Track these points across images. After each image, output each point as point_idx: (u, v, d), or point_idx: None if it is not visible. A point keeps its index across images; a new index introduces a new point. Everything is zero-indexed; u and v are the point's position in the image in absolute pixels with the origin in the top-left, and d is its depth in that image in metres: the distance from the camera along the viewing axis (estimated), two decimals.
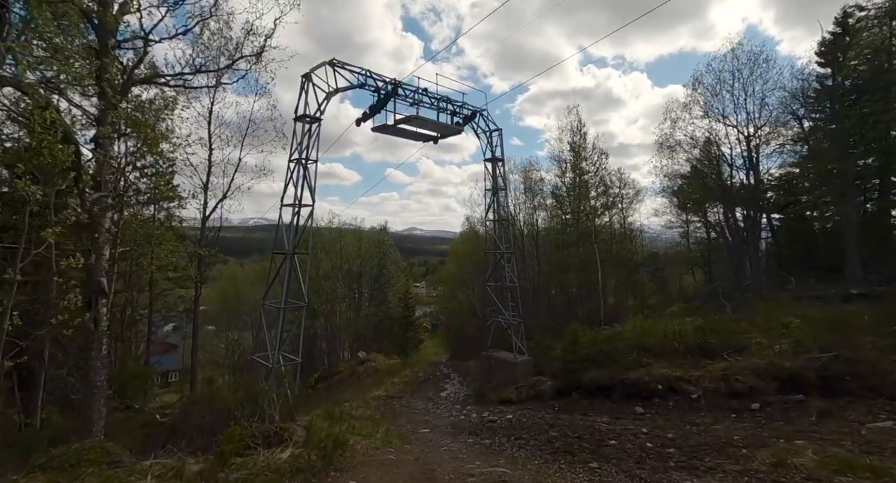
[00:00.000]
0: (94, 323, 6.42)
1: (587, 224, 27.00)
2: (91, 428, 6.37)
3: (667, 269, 33.10)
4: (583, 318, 21.88)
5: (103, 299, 6.59)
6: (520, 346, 15.87)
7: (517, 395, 14.51)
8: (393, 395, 18.31)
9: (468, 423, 12.47)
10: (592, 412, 12.04)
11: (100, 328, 6.47)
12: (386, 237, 35.66)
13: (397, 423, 13.69)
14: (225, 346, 31.30)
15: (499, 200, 16.01)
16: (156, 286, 13.40)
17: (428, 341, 48.48)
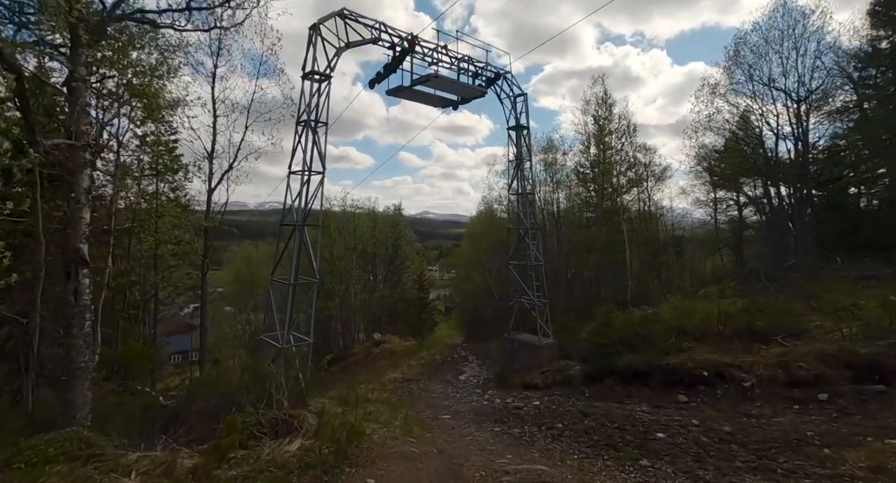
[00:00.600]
0: (73, 295, 5.55)
1: (612, 202, 25.49)
2: (74, 414, 5.57)
3: (692, 250, 31.46)
4: (607, 300, 20.66)
5: (84, 269, 5.69)
6: (544, 329, 14.81)
7: (543, 379, 13.51)
8: (410, 378, 17.52)
9: (492, 410, 11.55)
10: (629, 400, 10.98)
11: (81, 302, 5.60)
12: (400, 218, 34.64)
13: (416, 408, 12.86)
14: (239, 327, 31.04)
15: (523, 172, 14.73)
16: (161, 263, 12.67)
17: (442, 323, 47.91)
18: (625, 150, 25.46)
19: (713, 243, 28.91)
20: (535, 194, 15.03)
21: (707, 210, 30.14)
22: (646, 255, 25.75)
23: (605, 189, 25.64)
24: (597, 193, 25.91)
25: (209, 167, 13.10)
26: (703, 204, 29.74)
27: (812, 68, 16.81)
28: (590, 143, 26.53)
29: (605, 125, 25.85)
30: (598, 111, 25.68)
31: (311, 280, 9.70)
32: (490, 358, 20.12)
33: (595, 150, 26.24)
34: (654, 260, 25.91)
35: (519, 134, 14.66)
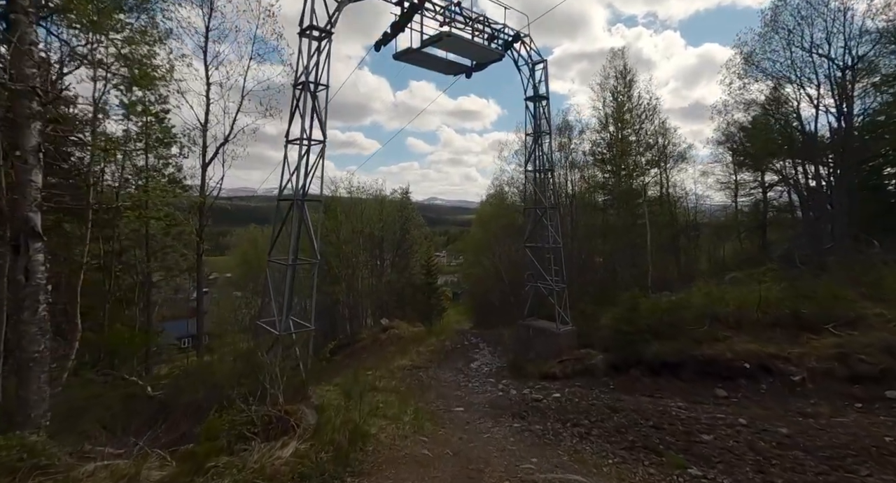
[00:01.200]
0: (24, 274, 4.63)
1: (628, 183, 24.13)
2: (29, 412, 4.70)
3: (710, 235, 30.05)
4: (626, 285, 19.56)
5: (37, 243, 4.75)
6: (562, 315, 13.79)
7: (562, 369, 12.56)
8: (419, 366, 16.70)
9: (508, 402, 10.63)
10: (659, 393, 9.98)
11: (34, 281, 4.69)
12: (408, 201, 33.52)
13: (426, 398, 12.01)
14: (244, 311, 30.58)
15: (542, 147, 13.52)
16: (154, 243, 11.76)
17: (450, 309, 47.17)
18: (644, 128, 23.97)
19: (734, 227, 27.49)
20: (553, 171, 13.82)
21: (727, 193, 28.68)
22: (664, 239, 24.48)
23: (622, 170, 24.26)
24: (613, 175, 24.54)
25: (202, 140, 12.05)
26: (724, 186, 28.27)
27: (861, 32, 15.17)
28: (607, 122, 25.06)
29: (623, 102, 24.32)
30: (616, 87, 24.14)
31: (312, 261, 8.72)
32: (502, 345, 19.23)
33: (613, 128, 24.78)
34: (673, 244, 24.64)
35: (537, 105, 13.39)
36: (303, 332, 8.98)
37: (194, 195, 11.65)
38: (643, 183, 23.67)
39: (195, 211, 12.17)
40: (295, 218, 8.31)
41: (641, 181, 23.71)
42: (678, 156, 26.05)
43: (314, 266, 8.64)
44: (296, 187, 8.41)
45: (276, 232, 8.90)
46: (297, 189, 8.40)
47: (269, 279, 8.84)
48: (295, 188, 8.41)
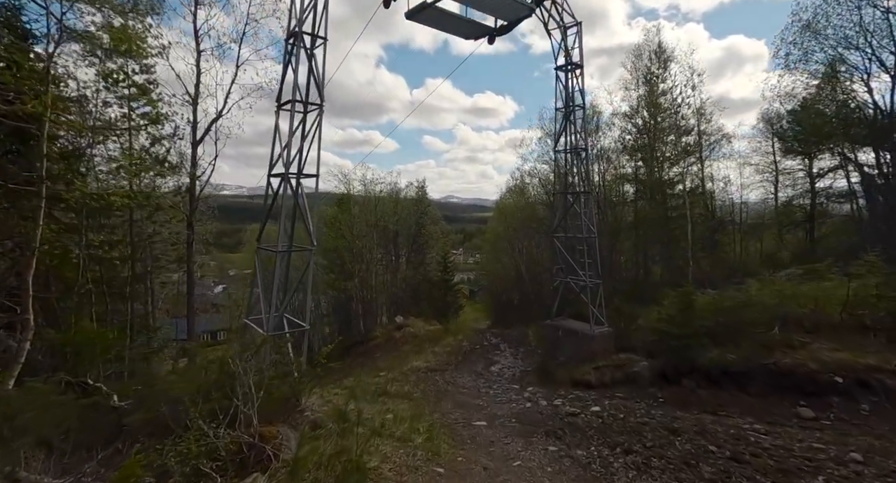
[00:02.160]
0: None
1: (662, 173, 22.04)
2: None
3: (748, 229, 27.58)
4: (663, 282, 17.65)
5: None
6: (597, 315, 12.06)
7: (598, 376, 10.85)
8: (434, 368, 15.18)
9: (539, 415, 9.01)
10: (723, 410, 8.20)
11: None
12: (424, 195, 32.01)
13: (442, 407, 10.49)
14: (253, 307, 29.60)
15: (574, 123, 11.78)
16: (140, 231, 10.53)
17: (467, 307, 45.55)
18: (681, 112, 21.82)
19: (777, 221, 25.03)
20: (588, 150, 12.06)
21: (766, 187, 26.21)
22: (702, 233, 22.31)
23: (654, 159, 22.18)
24: (645, 164, 22.48)
25: (193, 115, 10.76)
26: (764, 178, 25.82)
27: None
28: (639, 106, 22.99)
29: (656, 85, 22.23)
30: (650, 68, 22.05)
31: (307, 248, 7.25)
32: (525, 346, 17.56)
33: (646, 113, 22.71)
34: (711, 238, 22.45)
35: (570, 74, 11.65)
36: (298, 331, 7.55)
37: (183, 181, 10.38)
38: (683, 171, 21.53)
39: (184, 195, 10.91)
40: (285, 196, 6.87)
41: (679, 169, 21.58)
42: (716, 143, 23.78)
43: (310, 254, 7.19)
44: (287, 160, 6.97)
45: (266, 213, 7.49)
46: (288, 162, 6.96)
47: (258, 269, 7.45)
48: (287, 161, 6.97)
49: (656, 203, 22.03)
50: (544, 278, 28.86)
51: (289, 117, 6.88)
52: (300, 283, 7.91)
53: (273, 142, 7.43)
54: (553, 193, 12.91)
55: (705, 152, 23.29)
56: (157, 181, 10.51)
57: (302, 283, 7.88)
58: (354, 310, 26.82)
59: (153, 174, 9.82)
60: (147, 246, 10.64)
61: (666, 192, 21.83)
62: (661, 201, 21.90)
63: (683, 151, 22.30)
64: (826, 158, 20.89)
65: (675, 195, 21.86)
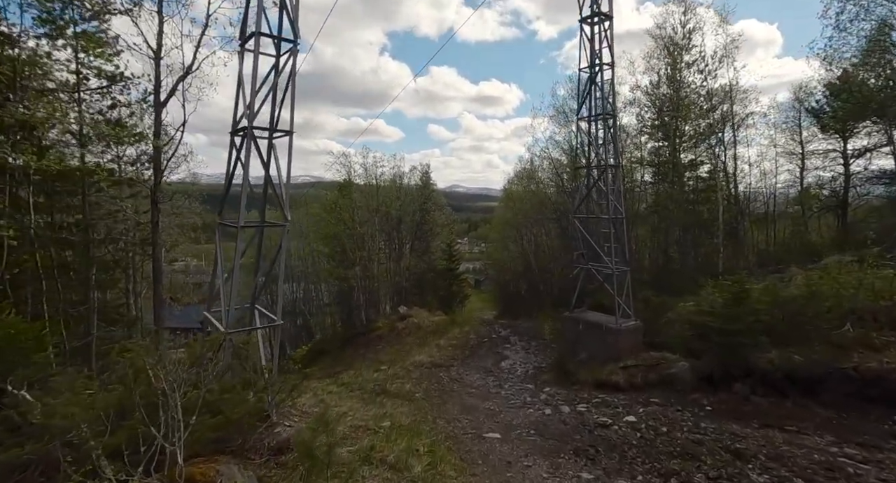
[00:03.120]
0: None
1: (683, 153, 20.19)
2: None
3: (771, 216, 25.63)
4: (689, 270, 15.98)
5: None
6: (624, 307, 10.48)
7: (627, 377, 9.32)
8: (439, 363, 13.75)
9: (562, 425, 7.51)
10: (791, 423, 6.63)
11: None
12: (429, 180, 30.31)
13: (447, 411, 9.05)
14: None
15: (602, 85, 10.05)
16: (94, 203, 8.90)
17: (473, 297, 44.15)
18: (707, 86, 19.86)
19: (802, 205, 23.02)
20: (616, 118, 10.34)
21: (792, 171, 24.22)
22: (726, 218, 20.51)
23: (676, 138, 20.30)
24: (668, 143, 20.61)
25: (155, 71, 9.06)
26: (790, 159, 23.81)
27: None
28: (660, 81, 21.04)
29: (679, 56, 20.25)
30: (673, 38, 20.05)
31: (279, 225, 5.70)
32: (537, 339, 16.07)
33: (667, 89, 20.77)
34: (737, 224, 20.65)
35: (597, 27, 9.89)
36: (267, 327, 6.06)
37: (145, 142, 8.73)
38: (710, 149, 19.64)
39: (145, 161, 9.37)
40: (247, 156, 5.31)
41: (704, 149, 19.70)
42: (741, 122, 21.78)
43: (284, 232, 5.64)
44: (252, 111, 5.39)
45: (228, 179, 5.95)
46: (252, 114, 5.38)
47: (219, 249, 5.96)
48: (251, 113, 5.39)
49: (678, 186, 20.21)
50: (554, 267, 27.29)
51: (257, 59, 5.28)
52: (273, 267, 6.39)
53: (238, 91, 5.85)
54: (574, 168, 11.24)
55: (730, 132, 21.32)
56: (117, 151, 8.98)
57: (274, 267, 6.35)
58: (356, 299, 25.44)
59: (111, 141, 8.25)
60: (105, 226, 9.17)
61: (684, 174, 20.02)
62: (681, 185, 20.09)
63: (708, 130, 20.40)
64: (863, 136, 18.93)
65: (699, 177, 20.04)
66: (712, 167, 20.23)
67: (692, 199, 19.32)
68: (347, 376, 15.56)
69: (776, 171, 24.55)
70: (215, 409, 4.11)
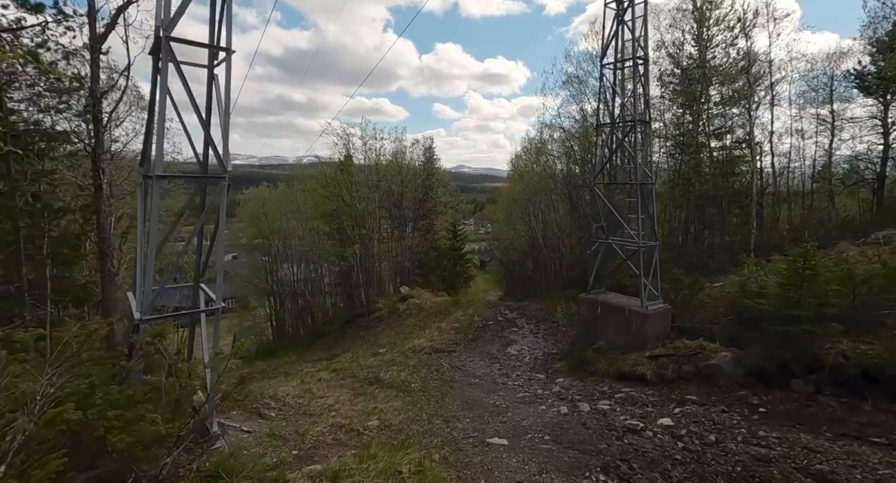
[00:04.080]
0: None
1: (709, 121, 18.27)
2: None
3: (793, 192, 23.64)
4: (721, 248, 14.39)
5: None
6: (650, 288, 9.00)
7: (655, 369, 7.92)
8: (440, 348, 12.47)
9: (582, 429, 6.16)
10: (877, 432, 5.19)
11: None
12: (432, 155, 28.53)
13: (445, 407, 7.77)
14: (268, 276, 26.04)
15: (632, 24, 8.29)
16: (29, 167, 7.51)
17: (478, 277, 42.93)
18: (737, 45, 17.76)
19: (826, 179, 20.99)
20: (648, 64, 8.59)
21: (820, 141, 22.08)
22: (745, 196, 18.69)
23: (702, 103, 18.34)
24: (691, 110, 18.67)
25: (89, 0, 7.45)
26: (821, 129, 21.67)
27: None
28: (684, 42, 18.94)
29: (708, 11, 18.08)
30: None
31: (217, 177, 4.21)
32: (547, 322, 14.72)
33: (693, 50, 18.70)
34: (763, 197, 18.84)
35: None
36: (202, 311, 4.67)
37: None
38: (743, 115, 17.68)
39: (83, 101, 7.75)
40: (162, 80, 3.79)
41: (733, 117, 17.75)
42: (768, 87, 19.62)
43: (220, 188, 4.14)
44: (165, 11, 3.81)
45: (150, 109, 4.41)
46: (166, 19, 3.82)
47: (141, 211, 4.51)
48: (163, 12, 3.81)
49: (703, 155, 18.39)
50: (564, 245, 25.76)
51: None
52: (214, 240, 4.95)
53: None
54: (596, 126, 9.56)
55: (762, 97, 19.22)
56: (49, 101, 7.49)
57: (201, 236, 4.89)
58: (355, 279, 24.20)
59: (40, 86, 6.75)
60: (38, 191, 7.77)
61: (710, 143, 18.16)
62: (710, 154, 18.25)
63: (738, 94, 18.36)
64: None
65: (725, 147, 18.17)
66: (741, 136, 18.33)
67: (717, 172, 17.52)
68: (343, 361, 14.42)
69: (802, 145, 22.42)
70: (89, 434, 2.75)
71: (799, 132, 20.63)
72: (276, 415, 7.98)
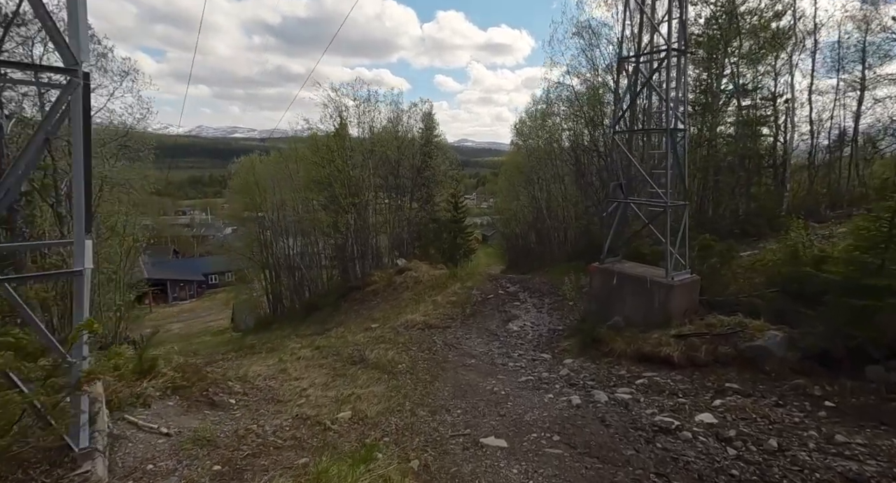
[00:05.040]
0: None
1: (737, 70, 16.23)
2: None
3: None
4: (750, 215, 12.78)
5: None
6: (677, 257, 7.56)
7: (685, 351, 6.59)
8: (434, 324, 11.23)
9: (600, 426, 4.87)
10: None
11: None
12: (432, 121, 26.51)
13: (435, 393, 6.52)
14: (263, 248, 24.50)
15: None
16: None
17: (480, 251, 41.60)
18: None
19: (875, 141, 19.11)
20: None
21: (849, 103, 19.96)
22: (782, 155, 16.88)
23: (730, 54, 16.30)
24: (715, 63, 16.62)
25: None
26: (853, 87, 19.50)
27: None
28: None
29: None
30: None
31: (63, 70, 2.73)
32: (551, 296, 13.42)
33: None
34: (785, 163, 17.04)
35: None
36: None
37: None
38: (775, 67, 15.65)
39: None
40: None
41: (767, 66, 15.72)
42: (801, 39, 17.38)
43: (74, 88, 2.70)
44: None
45: None
46: None
47: None
48: None
49: (729, 115, 16.55)
50: (568, 215, 24.20)
51: None
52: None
53: None
54: (618, 60, 7.85)
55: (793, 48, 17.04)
56: None
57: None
58: (350, 252, 22.90)
59: None
60: None
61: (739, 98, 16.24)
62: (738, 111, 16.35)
63: (770, 46, 16.24)
64: None
65: (753, 105, 16.25)
66: (768, 94, 16.35)
67: (742, 133, 15.69)
68: (332, 336, 13.27)
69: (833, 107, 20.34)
70: None
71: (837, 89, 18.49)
72: (237, 401, 6.79)
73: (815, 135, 15.76)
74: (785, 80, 17.35)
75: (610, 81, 17.72)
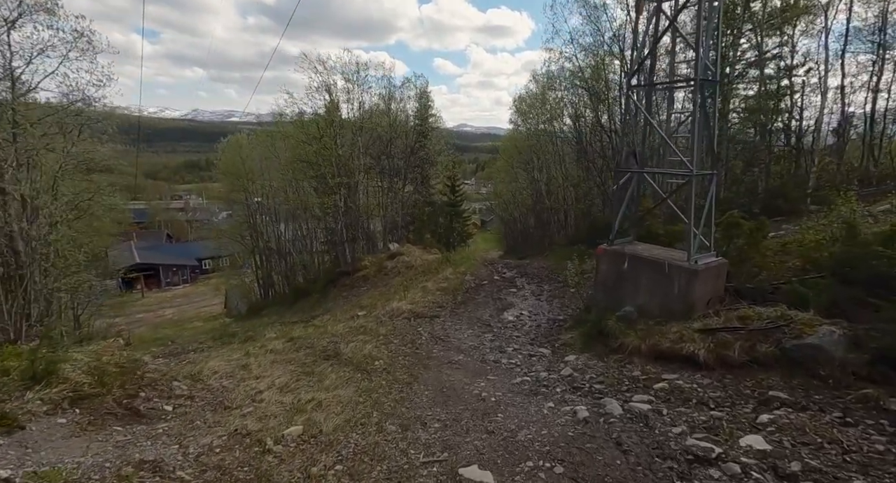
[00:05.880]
0: None
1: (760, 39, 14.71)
2: None
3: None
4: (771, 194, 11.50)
5: None
6: (701, 238, 6.32)
7: (713, 349, 5.41)
8: (421, 312, 10.06)
9: (616, 454, 3.70)
10: None
11: None
12: (427, 98, 24.88)
13: (412, 398, 5.36)
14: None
15: None
16: None
17: (477, 236, 40.33)
18: None
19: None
20: None
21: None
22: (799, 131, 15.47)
23: (746, 21, 14.75)
24: (731, 28, 15.07)
25: None
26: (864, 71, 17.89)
27: None
28: None
29: None
30: None
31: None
32: (551, 282, 12.24)
33: None
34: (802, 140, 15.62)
35: None
36: None
37: None
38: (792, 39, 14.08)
39: None
40: None
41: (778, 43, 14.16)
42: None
43: None
44: None
45: None
46: None
47: None
48: None
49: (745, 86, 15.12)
50: (569, 197, 22.87)
51: None
52: None
53: None
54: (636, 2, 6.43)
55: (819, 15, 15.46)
56: None
57: None
58: (339, 235, 21.65)
59: None
60: None
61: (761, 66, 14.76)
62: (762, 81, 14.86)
63: (794, 10, 14.65)
64: None
65: (774, 77, 14.76)
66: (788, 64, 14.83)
67: (761, 106, 14.25)
68: (313, 325, 12.18)
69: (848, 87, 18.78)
70: None
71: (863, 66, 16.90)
72: (175, 408, 5.63)
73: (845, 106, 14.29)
74: (806, 49, 15.81)
75: (616, 49, 16.20)
